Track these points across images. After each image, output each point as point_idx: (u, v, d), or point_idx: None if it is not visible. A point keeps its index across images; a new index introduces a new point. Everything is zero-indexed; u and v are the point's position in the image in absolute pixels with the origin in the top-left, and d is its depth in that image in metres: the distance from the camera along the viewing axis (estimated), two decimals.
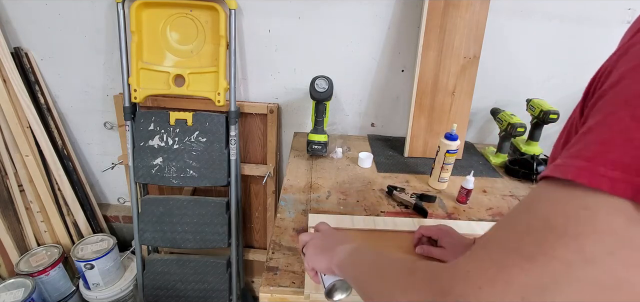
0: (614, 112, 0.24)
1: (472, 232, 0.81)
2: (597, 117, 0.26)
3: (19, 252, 1.36)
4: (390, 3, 1.15)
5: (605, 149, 0.24)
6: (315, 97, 1.09)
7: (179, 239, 1.29)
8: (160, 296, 1.37)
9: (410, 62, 1.23)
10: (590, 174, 0.23)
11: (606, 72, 0.28)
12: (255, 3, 1.16)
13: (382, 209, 0.90)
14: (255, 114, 1.33)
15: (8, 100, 1.22)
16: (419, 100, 1.15)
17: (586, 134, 0.26)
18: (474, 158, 1.21)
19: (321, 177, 1.04)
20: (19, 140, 1.27)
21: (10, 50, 1.23)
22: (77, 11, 1.20)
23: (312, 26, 1.19)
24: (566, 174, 0.25)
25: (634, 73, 0.24)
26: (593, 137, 0.25)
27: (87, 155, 1.50)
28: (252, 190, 1.49)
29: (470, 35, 1.09)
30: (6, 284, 1.25)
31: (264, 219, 1.53)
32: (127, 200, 1.61)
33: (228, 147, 1.24)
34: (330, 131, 1.34)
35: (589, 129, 0.26)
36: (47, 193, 1.37)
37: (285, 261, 0.72)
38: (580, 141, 0.26)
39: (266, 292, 0.65)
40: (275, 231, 0.81)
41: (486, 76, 1.20)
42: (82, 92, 1.35)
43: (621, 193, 0.22)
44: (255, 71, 1.28)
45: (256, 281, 1.66)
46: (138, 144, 1.23)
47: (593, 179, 0.23)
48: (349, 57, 1.23)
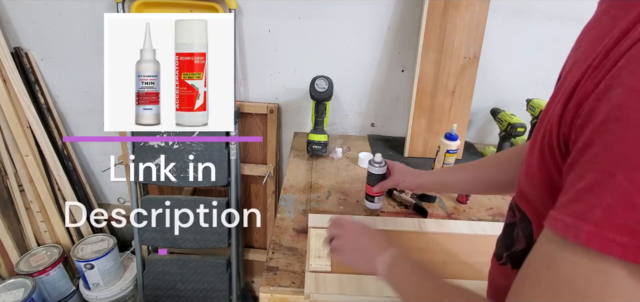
0: (611, 174, 0.24)
1: (472, 232, 0.81)
2: (592, 173, 0.26)
3: (19, 252, 1.36)
4: (390, 3, 1.15)
5: (610, 214, 0.24)
6: (315, 97, 1.09)
7: (179, 239, 1.29)
8: (160, 296, 1.37)
9: (410, 62, 1.23)
10: (602, 241, 0.24)
11: (591, 105, 0.28)
12: (255, 3, 1.16)
13: (382, 209, 0.90)
14: (255, 114, 1.33)
15: (8, 100, 1.22)
16: (419, 100, 1.15)
17: (587, 193, 0.26)
18: (474, 158, 1.21)
19: (321, 177, 1.04)
20: (19, 140, 1.27)
21: (10, 50, 1.23)
22: (77, 11, 1.20)
23: (312, 26, 1.19)
24: (578, 238, 0.26)
25: (619, 126, 0.25)
26: (596, 200, 0.25)
27: (87, 155, 1.50)
28: (252, 190, 1.49)
29: (470, 35, 1.09)
30: (6, 284, 1.25)
31: (264, 219, 1.53)
32: (127, 200, 1.61)
33: (228, 147, 1.24)
34: (330, 131, 1.34)
35: (589, 187, 0.26)
36: (47, 193, 1.37)
37: (285, 261, 0.72)
38: (582, 199, 0.26)
39: (266, 292, 0.65)
40: (275, 231, 0.81)
41: (486, 76, 1.20)
42: (82, 92, 1.35)
43: (632, 258, 0.24)
44: (255, 71, 1.28)
45: (256, 281, 1.66)
46: (138, 144, 1.23)
47: (604, 245, 0.24)
48: (349, 57, 1.23)
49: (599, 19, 0.34)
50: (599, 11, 0.36)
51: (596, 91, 0.27)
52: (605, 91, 0.26)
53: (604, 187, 0.25)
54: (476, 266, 0.72)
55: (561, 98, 0.31)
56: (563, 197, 0.29)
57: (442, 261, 0.73)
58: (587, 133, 0.27)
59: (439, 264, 0.72)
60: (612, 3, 0.33)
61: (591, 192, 0.26)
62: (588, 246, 0.25)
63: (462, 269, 0.71)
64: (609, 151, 0.25)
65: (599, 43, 0.29)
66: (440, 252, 0.76)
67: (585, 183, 0.26)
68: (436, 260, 0.73)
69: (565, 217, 0.27)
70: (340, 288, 0.64)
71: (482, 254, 0.74)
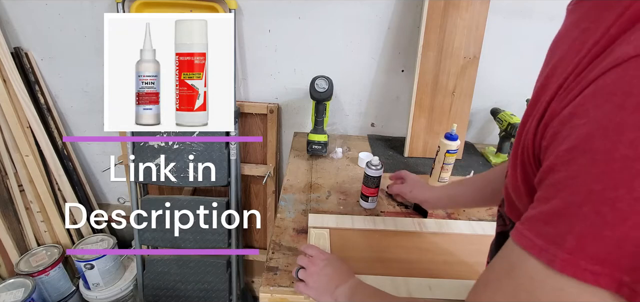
0: (578, 205, 0.26)
1: (472, 232, 0.81)
2: (559, 199, 0.27)
3: (19, 252, 1.36)
4: (390, 3, 1.15)
5: (582, 244, 0.26)
6: (315, 97, 1.09)
7: (179, 239, 1.29)
8: (160, 296, 1.37)
9: (410, 62, 1.23)
10: (575, 268, 0.26)
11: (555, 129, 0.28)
12: (255, 3, 1.16)
13: (382, 209, 0.90)
14: (255, 114, 1.33)
15: (8, 100, 1.22)
16: (419, 100, 1.15)
17: (556, 218, 0.27)
18: (474, 158, 1.21)
19: (321, 177, 1.04)
20: (19, 140, 1.27)
21: (10, 50, 1.23)
22: (77, 11, 1.20)
23: (312, 26, 1.19)
24: (553, 263, 0.27)
25: (585, 159, 0.25)
26: (566, 227, 0.26)
27: (87, 155, 1.50)
28: (252, 190, 1.49)
29: (470, 35, 1.09)
30: (6, 284, 1.25)
31: (264, 219, 1.53)
32: (127, 200, 1.61)
33: (228, 147, 1.24)
34: (330, 131, 1.34)
35: (556, 212, 0.27)
36: (47, 193, 1.37)
37: (285, 261, 0.72)
38: (551, 222, 0.27)
39: (266, 292, 0.65)
40: (275, 231, 0.81)
41: (486, 76, 1.20)
42: (82, 92, 1.35)
43: (604, 286, 0.25)
44: (255, 71, 1.28)
45: (256, 281, 1.66)
46: (138, 144, 1.23)
47: (577, 272, 0.26)
48: (349, 57, 1.23)
49: (570, 30, 0.34)
50: (570, 21, 0.36)
51: (560, 115, 0.28)
52: (569, 118, 0.27)
53: (573, 217, 0.26)
54: (476, 266, 0.72)
55: (536, 115, 0.32)
56: (529, 213, 0.30)
57: (442, 261, 0.73)
58: (552, 157, 0.28)
59: (439, 264, 0.72)
60: (582, 14, 0.33)
61: (559, 218, 0.27)
62: (562, 272, 0.26)
63: (462, 269, 0.71)
64: (575, 181, 0.26)
65: (571, 60, 0.30)
66: (440, 252, 0.76)
67: (551, 207, 0.27)
68: (436, 260, 0.73)
69: (534, 238, 0.28)
70: None
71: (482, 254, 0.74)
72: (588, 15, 0.32)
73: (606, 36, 0.27)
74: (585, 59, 0.28)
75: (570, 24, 0.35)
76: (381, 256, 0.74)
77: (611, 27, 0.27)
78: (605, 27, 0.28)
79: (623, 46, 0.26)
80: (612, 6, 0.29)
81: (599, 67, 0.26)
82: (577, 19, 0.34)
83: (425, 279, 0.68)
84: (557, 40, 0.37)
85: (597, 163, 0.25)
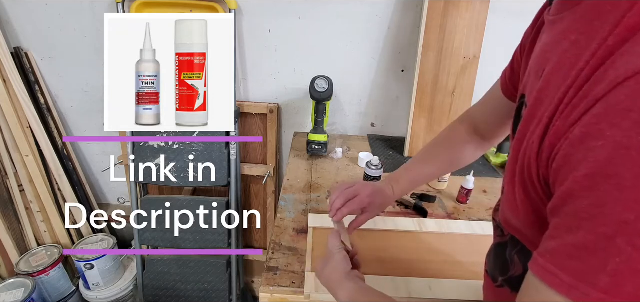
0: (610, 237, 0.24)
1: (472, 232, 0.81)
2: (584, 230, 0.25)
3: (19, 252, 1.36)
4: (390, 3, 1.15)
5: (618, 281, 0.23)
6: (315, 97, 1.09)
7: (179, 239, 1.29)
8: (160, 296, 1.37)
9: (410, 62, 1.23)
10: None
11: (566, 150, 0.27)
12: (255, 3, 1.16)
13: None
14: (255, 114, 1.33)
15: (8, 100, 1.22)
16: (419, 100, 1.15)
17: (584, 252, 0.25)
18: None
19: (321, 177, 1.04)
20: (19, 140, 1.27)
21: (10, 50, 1.23)
22: (77, 11, 1.20)
23: (312, 26, 1.19)
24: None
25: (610, 185, 0.24)
26: (597, 263, 0.24)
27: (87, 155, 1.50)
28: (252, 190, 1.49)
29: (470, 35, 1.09)
30: (6, 284, 1.25)
31: (264, 219, 1.53)
32: (127, 200, 1.61)
33: (228, 147, 1.24)
34: (330, 131, 1.34)
35: (583, 245, 0.25)
36: (47, 193, 1.37)
37: (285, 261, 0.72)
38: (577, 256, 0.25)
39: (266, 292, 0.65)
40: (275, 231, 0.81)
41: (486, 76, 1.20)
42: (82, 92, 1.35)
43: None
44: (255, 71, 1.28)
45: (256, 281, 1.66)
46: (138, 144, 1.23)
47: None
48: (349, 57, 1.23)
49: (558, 42, 0.33)
50: (555, 33, 0.34)
51: (571, 137, 0.26)
52: (581, 139, 0.25)
53: (605, 251, 0.24)
54: (476, 266, 0.72)
55: (536, 132, 0.30)
56: (550, 244, 0.28)
57: (442, 261, 0.73)
58: (569, 183, 0.26)
59: (439, 264, 0.72)
60: (569, 26, 0.32)
61: (588, 252, 0.25)
62: None
63: (462, 269, 0.71)
64: (602, 210, 0.24)
65: (567, 73, 0.29)
66: (440, 252, 0.76)
67: (578, 239, 0.25)
68: (436, 260, 0.73)
69: (561, 274, 0.26)
70: None
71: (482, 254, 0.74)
72: (576, 27, 0.31)
73: (603, 47, 0.26)
74: (583, 72, 0.27)
75: (556, 36, 0.34)
76: (381, 256, 0.74)
77: (608, 38, 0.26)
78: (601, 38, 0.27)
79: (628, 58, 0.24)
80: (603, 16, 0.28)
81: (604, 81, 0.25)
82: (563, 30, 0.33)
83: (425, 279, 0.68)
84: (544, 52, 0.36)
85: (625, 189, 0.23)
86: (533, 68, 0.37)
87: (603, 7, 0.28)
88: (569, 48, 0.30)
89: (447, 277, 0.69)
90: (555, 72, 0.31)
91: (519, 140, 0.34)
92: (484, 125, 0.65)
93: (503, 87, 0.57)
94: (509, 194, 0.35)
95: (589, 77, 0.26)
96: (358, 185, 0.65)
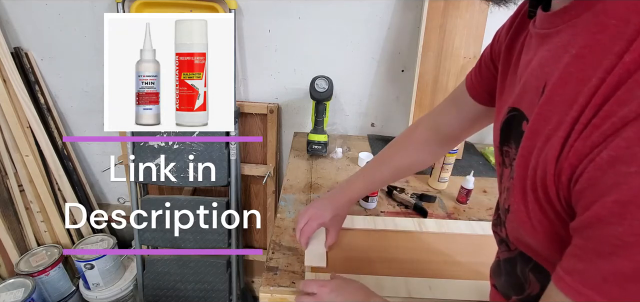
0: None
1: (472, 232, 0.81)
2: (625, 259, 0.25)
3: (19, 252, 1.36)
4: (390, 3, 1.15)
5: None
6: (315, 97, 1.09)
7: (179, 239, 1.29)
8: (160, 296, 1.37)
9: (410, 62, 1.23)
10: None
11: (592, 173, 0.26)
12: (255, 3, 1.16)
13: (382, 209, 0.90)
14: (255, 114, 1.33)
15: (8, 100, 1.22)
16: (419, 100, 1.15)
17: (626, 279, 0.25)
18: (474, 158, 1.21)
19: (321, 177, 1.04)
20: (19, 140, 1.27)
21: (10, 50, 1.23)
22: (77, 11, 1.20)
23: (313, 26, 1.19)
24: None
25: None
26: (637, 289, 0.24)
27: (87, 155, 1.50)
28: (252, 190, 1.49)
29: (470, 35, 1.09)
30: (6, 284, 1.25)
31: (264, 219, 1.53)
32: (127, 200, 1.61)
33: (228, 147, 1.24)
34: (330, 131, 1.34)
35: (622, 273, 0.25)
36: (47, 193, 1.37)
37: (285, 261, 0.72)
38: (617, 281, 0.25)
39: (266, 292, 0.65)
40: (275, 231, 0.81)
41: None
42: (82, 92, 1.35)
43: None
44: (255, 71, 1.28)
45: (256, 281, 1.66)
46: (138, 144, 1.23)
47: None
48: (349, 57, 1.23)
49: (560, 56, 0.32)
50: (552, 46, 0.33)
51: (597, 159, 0.25)
52: (610, 163, 0.25)
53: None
54: (476, 266, 0.72)
55: (549, 151, 0.30)
56: (578, 264, 0.27)
57: (442, 261, 0.73)
58: (597, 207, 0.25)
59: (439, 264, 0.72)
60: (567, 39, 0.31)
61: (626, 278, 0.25)
62: None
63: (462, 269, 0.71)
64: (638, 239, 0.24)
65: (576, 89, 0.28)
66: (440, 252, 0.76)
67: (613, 265, 0.25)
68: (436, 260, 0.73)
69: (596, 296, 0.26)
70: None
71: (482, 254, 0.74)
72: (577, 40, 0.30)
73: (620, 64, 0.25)
74: (600, 89, 0.26)
75: (554, 49, 0.33)
76: (381, 256, 0.74)
77: (623, 54, 0.25)
78: (614, 54, 0.26)
79: None
80: (608, 29, 0.27)
81: (632, 102, 0.24)
82: (563, 44, 0.32)
83: (425, 279, 0.68)
84: (541, 66, 0.35)
85: None
86: (530, 82, 0.36)
87: (606, 21, 0.28)
88: (572, 62, 0.30)
89: (447, 277, 0.69)
90: (559, 86, 0.30)
91: (524, 157, 0.33)
92: (447, 128, 0.65)
93: (471, 91, 0.58)
94: (520, 213, 0.34)
95: (609, 96, 0.26)
96: (311, 206, 0.72)
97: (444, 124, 0.65)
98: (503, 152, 0.43)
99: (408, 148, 0.71)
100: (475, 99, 0.57)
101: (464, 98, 0.59)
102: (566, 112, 0.28)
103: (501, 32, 0.51)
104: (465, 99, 0.58)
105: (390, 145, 0.74)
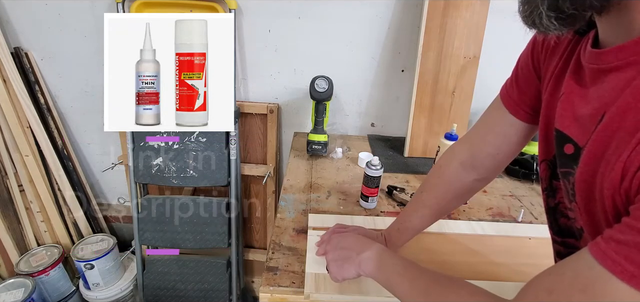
0: None
1: (472, 232, 0.81)
2: None
3: (19, 252, 1.36)
4: (390, 3, 1.15)
5: None
6: (315, 97, 1.09)
7: (179, 239, 1.29)
8: (160, 296, 1.37)
9: (410, 62, 1.23)
10: None
11: None
12: (255, 3, 1.16)
13: (382, 209, 0.90)
14: (255, 114, 1.33)
15: (8, 100, 1.23)
16: (419, 100, 1.15)
17: None
18: None
19: (321, 177, 1.04)
20: (19, 140, 1.27)
21: (10, 50, 1.23)
22: (77, 11, 1.20)
23: (312, 26, 1.19)
24: None
25: None
26: None
27: (87, 155, 1.50)
28: (252, 190, 1.49)
29: (470, 35, 1.09)
30: (6, 284, 1.25)
31: (264, 219, 1.53)
32: (127, 200, 1.61)
33: (228, 147, 1.24)
34: (330, 131, 1.34)
35: None
36: (47, 193, 1.37)
37: (285, 261, 0.72)
38: None
39: (266, 292, 0.65)
40: (275, 231, 0.81)
41: (486, 76, 1.20)
42: (82, 92, 1.35)
43: None
44: (255, 71, 1.28)
45: (256, 281, 1.66)
46: (138, 144, 1.23)
47: None
48: (349, 57, 1.23)
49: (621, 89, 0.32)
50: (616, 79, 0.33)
51: None
52: None
53: None
54: (476, 265, 0.72)
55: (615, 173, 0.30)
56: (617, 235, 0.29)
57: (442, 261, 0.73)
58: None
59: (439, 264, 0.72)
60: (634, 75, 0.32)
61: None
62: None
63: (462, 269, 0.71)
64: None
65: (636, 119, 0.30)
66: (440, 252, 0.76)
67: None
68: (436, 260, 0.73)
69: (624, 262, 0.27)
70: (340, 288, 0.64)
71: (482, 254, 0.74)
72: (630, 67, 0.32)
73: None
74: None
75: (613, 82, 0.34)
76: None
77: None
78: None
79: None
80: None
81: None
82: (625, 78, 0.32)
83: None
84: (600, 97, 0.35)
85: None
86: (584, 111, 0.37)
87: None
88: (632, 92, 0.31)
89: None
90: (625, 112, 0.31)
91: (586, 182, 0.35)
92: (485, 159, 0.59)
93: (510, 106, 0.55)
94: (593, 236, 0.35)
95: None
96: (351, 226, 0.72)
97: (481, 154, 0.59)
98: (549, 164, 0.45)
99: (440, 188, 0.64)
100: (516, 116, 0.54)
101: (500, 118, 0.55)
102: (628, 140, 0.30)
103: (541, 42, 0.50)
104: (502, 120, 0.55)
105: (421, 190, 0.67)
